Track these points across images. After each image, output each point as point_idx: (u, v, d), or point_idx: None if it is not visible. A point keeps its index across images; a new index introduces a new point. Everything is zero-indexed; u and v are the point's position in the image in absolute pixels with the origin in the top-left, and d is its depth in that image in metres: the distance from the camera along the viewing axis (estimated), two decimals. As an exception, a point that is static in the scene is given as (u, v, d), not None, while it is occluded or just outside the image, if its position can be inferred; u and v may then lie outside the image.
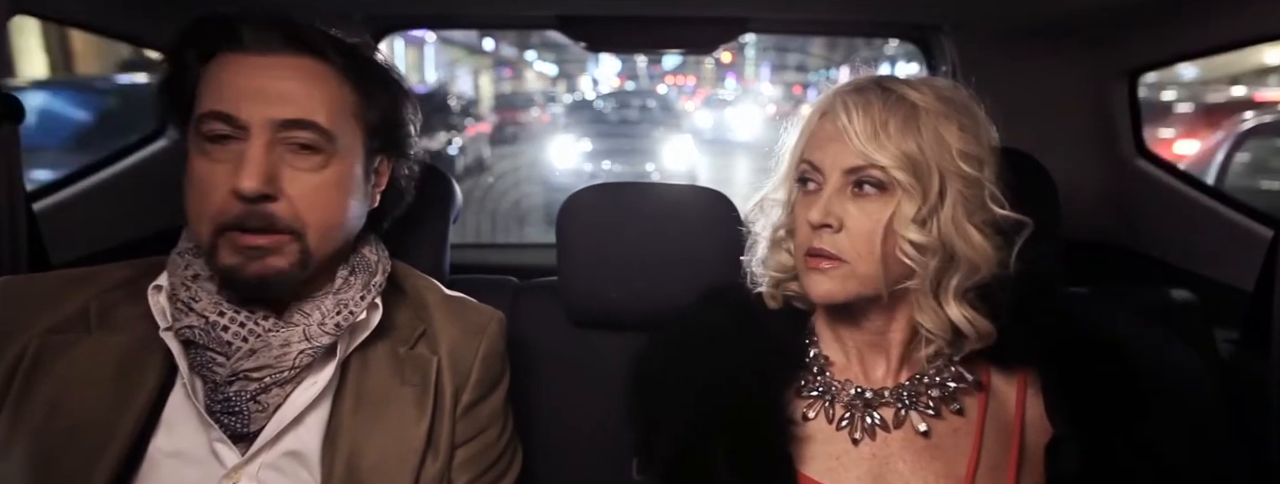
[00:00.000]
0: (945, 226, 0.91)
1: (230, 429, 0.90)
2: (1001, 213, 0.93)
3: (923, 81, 0.96)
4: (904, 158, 0.90)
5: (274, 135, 0.88)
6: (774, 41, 16.95)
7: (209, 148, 0.89)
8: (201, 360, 0.90)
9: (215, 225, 0.88)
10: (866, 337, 0.99)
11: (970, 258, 0.91)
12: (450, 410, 1.00)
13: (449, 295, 1.09)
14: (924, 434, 0.95)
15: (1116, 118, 1.75)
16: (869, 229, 0.91)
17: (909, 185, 0.90)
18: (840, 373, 1.00)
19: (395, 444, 0.95)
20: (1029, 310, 0.96)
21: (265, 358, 0.90)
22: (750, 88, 19.23)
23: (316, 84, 0.91)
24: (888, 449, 0.95)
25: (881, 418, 0.96)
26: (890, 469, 0.94)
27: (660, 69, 19.06)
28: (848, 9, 1.76)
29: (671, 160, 9.56)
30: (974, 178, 0.91)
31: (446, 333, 1.03)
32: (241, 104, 0.88)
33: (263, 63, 0.90)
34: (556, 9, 1.72)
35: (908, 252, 0.90)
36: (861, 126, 0.91)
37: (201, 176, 0.88)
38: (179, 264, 0.94)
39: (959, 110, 0.94)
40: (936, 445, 0.95)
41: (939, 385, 0.97)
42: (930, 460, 0.94)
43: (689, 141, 10.44)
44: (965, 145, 0.91)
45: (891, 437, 0.95)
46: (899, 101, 0.92)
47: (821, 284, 0.94)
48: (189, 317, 0.90)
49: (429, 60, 15.38)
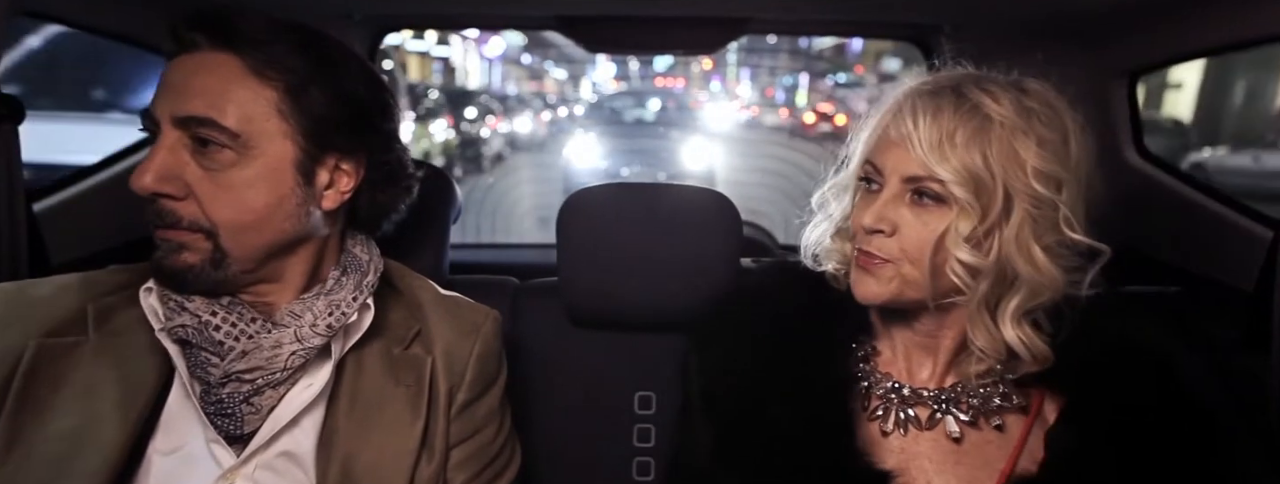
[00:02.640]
0: (1006, 246, 0.87)
1: (224, 431, 0.90)
2: (1075, 237, 0.88)
3: (1011, 86, 0.91)
4: (967, 173, 0.85)
5: (179, 133, 0.87)
6: (750, 51, 20.17)
7: (144, 148, 0.91)
8: (197, 361, 0.90)
9: (150, 222, 0.90)
10: (916, 337, 0.97)
11: (1034, 280, 0.87)
12: (445, 410, 0.99)
13: (443, 295, 1.08)
14: (956, 440, 0.93)
15: (1116, 118, 1.75)
16: (922, 239, 0.88)
17: (968, 202, 0.86)
18: (884, 366, 0.99)
19: (390, 445, 0.94)
20: (1089, 333, 0.93)
21: (257, 359, 0.90)
22: (731, 89, 21.96)
23: (230, 81, 0.88)
24: (917, 446, 0.94)
25: (914, 415, 0.95)
26: (916, 466, 0.93)
27: (652, 71, 20.75)
28: (848, 9, 1.76)
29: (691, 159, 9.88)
30: (1046, 199, 0.86)
31: (441, 333, 1.02)
32: (157, 101, 0.88)
33: (186, 60, 0.89)
34: (556, 9, 1.72)
35: (957, 270, 0.87)
36: (926, 135, 0.86)
37: (137, 175, 0.89)
38: None
39: (1043, 124, 0.88)
40: (965, 452, 0.93)
41: (982, 397, 0.95)
42: (955, 465, 0.93)
43: (708, 142, 10.85)
44: (1042, 163, 0.86)
45: (922, 436, 0.94)
46: (973, 111, 0.87)
47: (867, 284, 0.92)
48: (181, 316, 0.90)
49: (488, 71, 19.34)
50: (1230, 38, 1.46)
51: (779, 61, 19.82)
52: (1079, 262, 0.89)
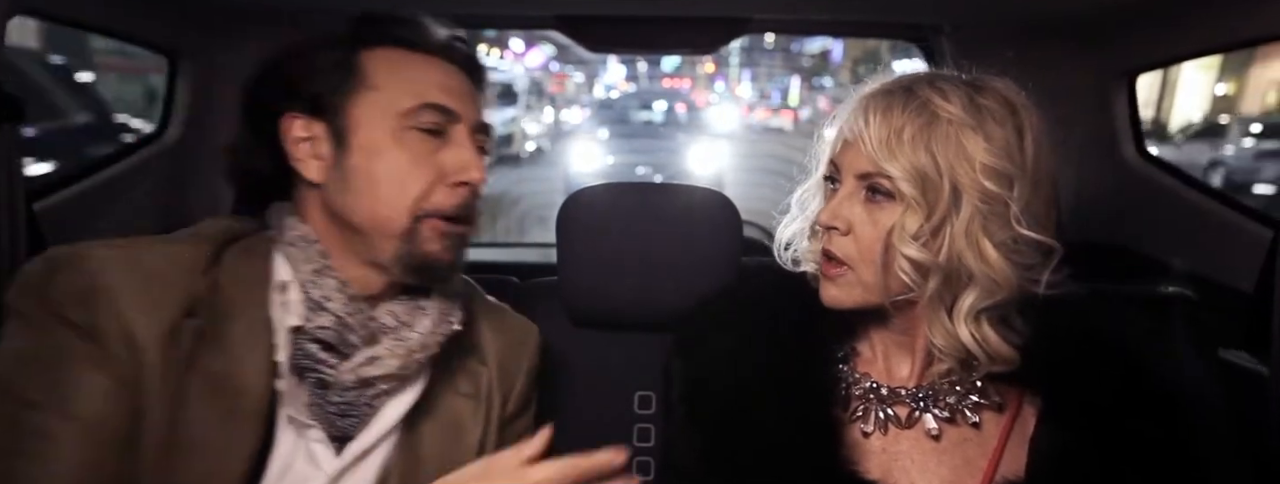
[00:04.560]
0: (956, 242, 0.87)
1: (341, 431, 0.89)
2: (1026, 233, 0.87)
3: (966, 84, 0.92)
4: (913, 170, 0.86)
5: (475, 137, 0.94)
6: (750, 53, 22.26)
7: (414, 137, 0.90)
8: (315, 360, 0.88)
9: (419, 211, 0.89)
10: (893, 336, 0.98)
11: (986, 277, 0.87)
12: (497, 422, 1.00)
13: (489, 302, 1.09)
14: (935, 437, 0.94)
15: (1116, 118, 1.75)
16: (872, 236, 0.90)
17: (914, 199, 0.87)
18: (863, 366, 1.00)
19: (450, 454, 0.95)
20: (1055, 333, 0.93)
21: (388, 365, 0.89)
22: (734, 91, 23.80)
23: (476, 92, 0.97)
24: (898, 446, 0.95)
25: (894, 414, 0.95)
26: (898, 468, 0.94)
27: (660, 72, 22.00)
28: (848, 9, 1.76)
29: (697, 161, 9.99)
30: (996, 195, 0.86)
31: (493, 344, 1.03)
32: (453, 99, 0.92)
33: (445, 65, 0.95)
34: (557, 9, 1.72)
35: (904, 268, 0.88)
36: (875, 133, 0.88)
37: (406, 164, 0.89)
38: (298, 256, 0.90)
39: (996, 121, 0.88)
40: (945, 451, 0.94)
41: (959, 394, 0.95)
42: (937, 465, 0.93)
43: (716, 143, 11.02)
44: (991, 160, 0.86)
45: (903, 434, 0.95)
46: (921, 109, 0.88)
47: (828, 290, 0.94)
48: (322, 316, 0.88)
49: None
50: (1230, 37, 1.46)
51: (775, 63, 21.72)
52: (1038, 259, 0.89)
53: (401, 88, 0.90)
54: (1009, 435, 0.94)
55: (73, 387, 0.78)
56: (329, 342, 0.88)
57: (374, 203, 0.89)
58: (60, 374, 0.79)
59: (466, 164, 0.90)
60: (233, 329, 0.85)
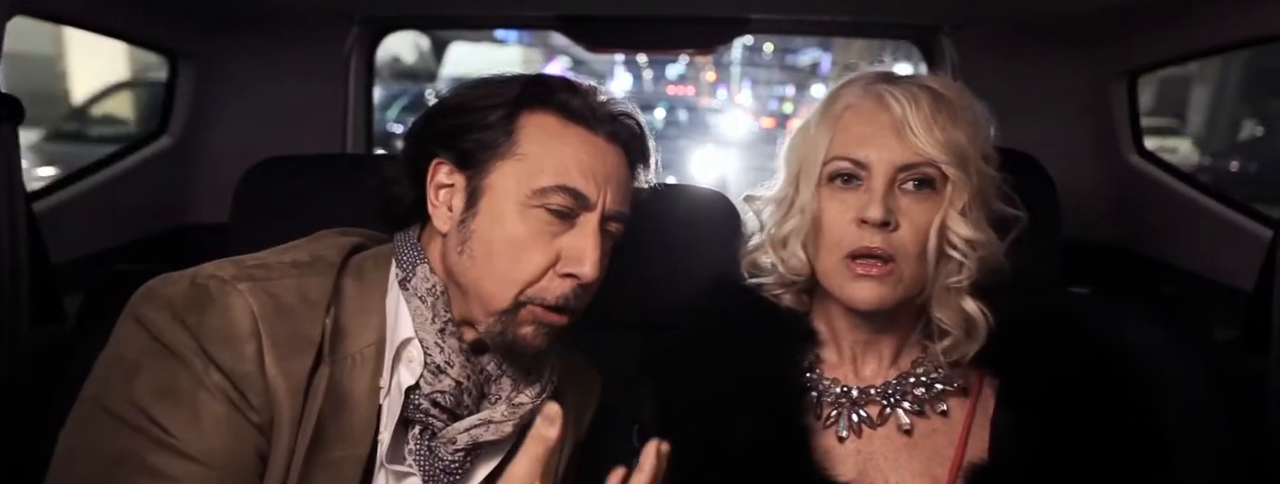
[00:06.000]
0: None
1: (436, 482, 0.88)
2: (1005, 208, 0.94)
3: (927, 76, 0.97)
4: (955, 151, 0.89)
5: (604, 223, 0.90)
6: (750, 63, 23.24)
7: (538, 215, 0.86)
8: (428, 415, 0.87)
9: (523, 297, 0.86)
10: (863, 335, 0.98)
11: (985, 248, 0.92)
12: (563, 466, 1.00)
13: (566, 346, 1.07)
14: (907, 432, 0.94)
15: (1116, 118, 1.75)
16: (924, 226, 0.90)
17: (959, 179, 0.89)
18: (830, 371, 0.99)
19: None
20: (1024, 313, 0.95)
21: (503, 430, 0.89)
22: (735, 98, 24.30)
23: (630, 175, 0.95)
24: (872, 446, 0.95)
25: (867, 415, 0.96)
26: (872, 466, 0.94)
27: (665, 79, 22.64)
28: (848, 9, 1.76)
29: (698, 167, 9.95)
30: (990, 172, 0.92)
31: (569, 393, 1.01)
32: (590, 185, 0.87)
33: (599, 144, 0.90)
34: (557, 9, 1.72)
35: (959, 247, 0.90)
36: (918, 121, 0.89)
37: (524, 242, 0.86)
38: (425, 315, 0.88)
39: (975, 103, 0.94)
40: (916, 445, 0.94)
41: (926, 385, 0.96)
42: (909, 459, 0.94)
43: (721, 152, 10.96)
44: (988, 135, 0.93)
45: (876, 434, 0.95)
46: (936, 95, 0.91)
47: (871, 291, 0.90)
48: (442, 380, 0.87)
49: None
50: (1230, 38, 1.46)
51: (773, 75, 23.04)
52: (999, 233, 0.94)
53: (545, 162, 0.87)
54: (972, 419, 0.95)
55: (212, 428, 0.77)
56: (445, 405, 0.87)
57: (484, 273, 0.87)
58: (199, 410, 0.77)
59: (582, 256, 0.86)
60: (353, 385, 0.84)
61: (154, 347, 0.79)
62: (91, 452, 0.77)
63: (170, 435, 0.76)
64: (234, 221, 1.23)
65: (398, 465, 0.87)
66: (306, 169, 1.29)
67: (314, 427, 0.80)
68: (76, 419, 0.79)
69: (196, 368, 0.78)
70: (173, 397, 0.77)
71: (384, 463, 0.86)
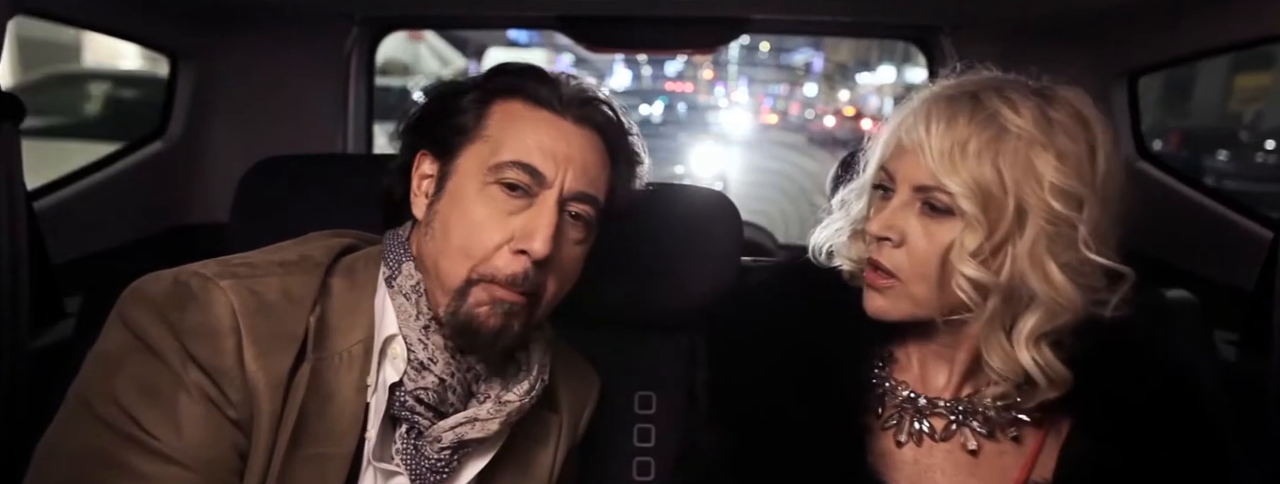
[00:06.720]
0: (1019, 263, 0.82)
1: (422, 480, 0.88)
2: (1094, 258, 0.83)
3: (1036, 93, 0.86)
4: (976, 185, 0.81)
5: (564, 204, 0.88)
6: (748, 62, 24.61)
7: (496, 192, 0.86)
8: (413, 413, 0.87)
9: (475, 272, 0.85)
10: (932, 347, 0.94)
11: (1051, 300, 0.83)
12: (561, 465, 1.00)
13: (560, 345, 1.07)
14: (972, 452, 0.91)
15: (1116, 118, 1.75)
16: (928, 251, 0.84)
17: (975, 217, 0.81)
18: (899, 372, 0.96)
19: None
20: (1101, 350, 0.88)
21: (489, 428, 0.88)
22: (732, 95, 25.30)
23: (603, 160, 0.92)
24: (931, 458, 0.92)
25: (931, 427, 0.92)
26: (928, 479, 0.91)
27: (663, 75, 23.03)
28: (848, 9, 1.76)
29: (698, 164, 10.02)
30: (1064, 216, 0.81)
31: (564, 391, 1.02)
32: (547, 163, 0.87)
33: (565, 127, 0.90)
34: (557, 9, 1.72)
35: (963, 286, 0.83)
36: (937, 143, 0.83)
37: (480, 219, 0.86)
38: (409, 312, 0.88)
39: (1068, 136, 0.83)
40: (980, 465, 0.91)
41: (998, 409, 0.91)
42: (969, 477, 0.91)
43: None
44: (1060, 179, 0.81)
45: (937, 447, 0.92)
46: (989, 121, 0.83)
47: (874, 300, 0.89)
48: (425, 377, 0.87)
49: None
50: (1230, 38, 1.46)
51: (769, 74, 23.74)
52: (1104, 281, 0.85)
53: (507, 142, 0.87)
54: (1042, 446, 0.92)
55: (191, 428, 0.77)
56: (429, 402, 0.87)
57: (441, 252, 0.87)
58: (178, 409, 0.77)
59: (533, 232, 0.84)
60: (338, 382, 0.84)
61: (136, 345, 0.79)
62: (71, 449, 0.77)
63: (149, 435, 0.76)
64: (234, 222, 1.23)
65: (385, 464, 0.87)
66: (306, 169, 1.29)
67: (295, 422, 0.80)
68: (60, 417, 0.80)
69: (176, 366, 0.78)
70: (152, 396, 0.77)
71: (371, 460, 0.86)
